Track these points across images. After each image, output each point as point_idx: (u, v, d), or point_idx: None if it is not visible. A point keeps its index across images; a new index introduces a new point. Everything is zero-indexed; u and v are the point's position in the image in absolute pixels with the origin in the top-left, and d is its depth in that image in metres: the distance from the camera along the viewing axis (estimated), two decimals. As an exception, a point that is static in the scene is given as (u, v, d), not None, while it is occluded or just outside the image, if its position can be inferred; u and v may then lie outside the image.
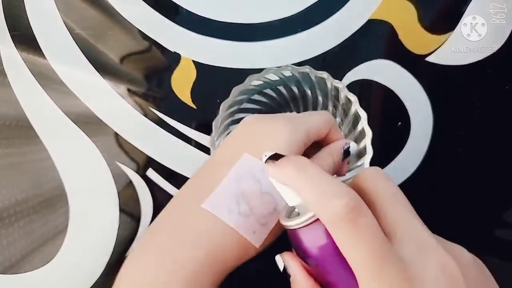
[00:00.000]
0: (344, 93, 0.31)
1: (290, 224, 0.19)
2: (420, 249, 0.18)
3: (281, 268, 0.21)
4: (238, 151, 0.24)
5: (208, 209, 0.22)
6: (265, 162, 0.20)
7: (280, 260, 0.21)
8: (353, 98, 0.31)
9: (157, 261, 0.21)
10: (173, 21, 0.39)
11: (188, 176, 0.38)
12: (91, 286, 0.37)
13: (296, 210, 0.21)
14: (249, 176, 0.23)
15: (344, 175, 0.32)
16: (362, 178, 0.21)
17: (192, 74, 0.39)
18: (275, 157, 0.20)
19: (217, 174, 0.23)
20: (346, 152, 0.27)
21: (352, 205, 0.17)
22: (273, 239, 0.24)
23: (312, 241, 0.19)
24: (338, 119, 0.35)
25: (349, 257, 0.17)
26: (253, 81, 0.32)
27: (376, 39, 0.39)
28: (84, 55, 0.39)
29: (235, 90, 0.31)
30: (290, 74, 0.33)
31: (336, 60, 0.38)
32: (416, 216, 0.19)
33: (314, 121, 0.26)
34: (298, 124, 0.25)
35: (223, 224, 0.22)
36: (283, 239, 0.22)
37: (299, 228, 0.19)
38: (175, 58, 0.39)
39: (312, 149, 0.26)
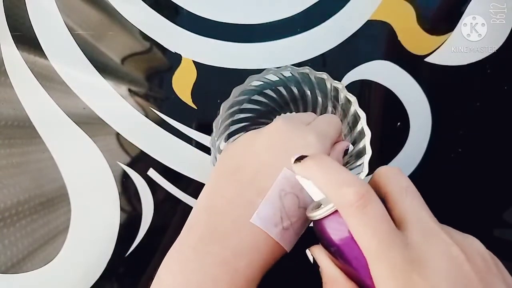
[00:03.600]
0: (344, 93, 0.31)
1: (314, 215, 0.21)
2: (426, 236, 0.19)
3: (311, 260, 0.23)
4: (273, 161, 0.25)
5: (257, 224, 0.23)
6: (293, 163, 0.22)
7: (310, 253, 0.23)
8: (353, 98, 0.31)
9: (219, 272, 0.23)
10: (173, 22, 0.39)
11: (188, 176, 0.38)
12: (92, 286, 0.37)
13: (321, 204, 0.22)
14: (290, 192, 0.24)
15: None
16: (377, 175, 0.23)
17: (193, 74, 0.39)
18: (301, 158, 0.22)
19: (255, 185, 0.24)
20: (345, 152, 0.30)
21: (361, 193, 0.19)
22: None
23: (333, 230, 0.21)
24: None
25: (359, 241, 0.19)
26: (253, 82, 0.32)
27: (376, 39, 0.39)
28: (85, 55, 0.39)
29: (236, 91, 0.31)
30: (290, 75, 0.33)
31: (336, 60, 0.39)
32: (426, 208, 0.21)
33: (334, 132, 0.29)
34: (326, 138, 0.27)
35: (269, 238, 0.23)
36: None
37: (322, 219, 0.21)
38: (176, 59, 0.39)
39: None
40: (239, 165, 0.26)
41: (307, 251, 0.23)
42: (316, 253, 0.22)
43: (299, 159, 0.22)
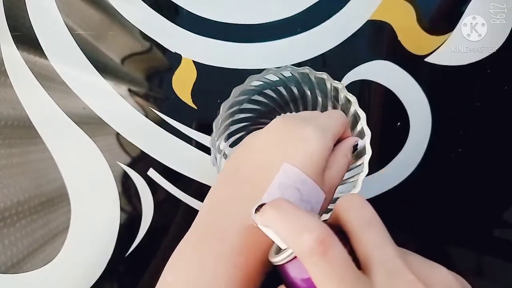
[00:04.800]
0: (344, 93, 0.31)
1: (275, 260, 0.21)
2: (391, 278, 0.18)
3: None
4: (272, 158, 0.25)
5: (255, 220, 0.23)
6: (253, 213, 0.21)
7: None
8: (353, 98, 0.31)
9: (215, 267, 0.22)
10: (173, 22, 0.39)
11: (188, 176, 0.38)
12: (92, 286, 0.37)
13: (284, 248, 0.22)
14: (291, 186, 0.24)
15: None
16: (338, 208, 0.21)
17: (193, 74, 0.39)
18: (260, 206, 0.21)
19: (254, 182, 0.24)
20: (355, 148, 0.29)
21: (322, 238, 0.18)
22: None
23: (295, 275, 0.20)
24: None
25: None
26: (253, 82, 0.32)
27: (376, 39, 0.39)
28: (85, 55, 0.39)
29: (236, 91, 0.31)
30: (290, 75, 0.33)
31: (336, 60, 0.39)
32: (390, 242, 0.20)
33: (337, 126, 0.28)
34: (327, 132, 0.26)
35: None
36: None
37: (284, 264, 0.20)
38: (176, 59, 0.39)
39: None
40: (238, 166, 0.26)
41: None
42: None
43: (258, 208, 0.21)
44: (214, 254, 0.23)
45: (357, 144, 0.29)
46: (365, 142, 0.31)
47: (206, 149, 0.38)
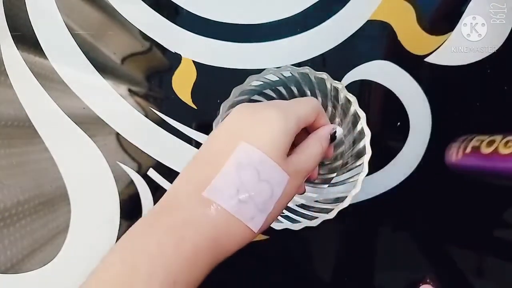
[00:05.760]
0: (344, 93, 0.31)
1: None
2: None
3: None
4: (233, 139, 0.24)
5: (209, 197, 0.23)
6: None
7: None
8: (352, 98, 0.31)
9: (164, 236, 0.22)
10: (173, 22, 0.39)
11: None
12: (92, 286, 0.37)
13: None
14: (248, 165, 0.24)
15: (331, 158, 0.34)
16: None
17: (193, 74, 0.39)
18: None
19: (214, 163, 0.24)
20: (333, 137, 0.28)
21: None
22: (270, 224, 0.25)
23: None
24: (337, 119, 0.35)
25: None
26: (253, 82, 0.32)
27: (375, 40, 0.39)
28: (85, 55, 0.39)
29: (235, 91, 0.31)
30: (290, 75, 0.33)
31: (336, 60, 0.39)
32: None
33: (304, 109, 0.27)
34: (289, 113, 0.26)
35: (224, 211, 0.23)
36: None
37: None
38: (175, 59, 0.39)
39: (299, 134, 0.26)
40: (203, 149, 0.26)
41: None
42: None
43: None
44: (164, 227, 0.22)
45: (335, 133, 0.28)
46: (365, 142, 0.31)
47: (206, 149, 0.38)
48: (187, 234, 0.22)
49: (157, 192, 0.39)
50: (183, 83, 0.39)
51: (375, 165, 0.37)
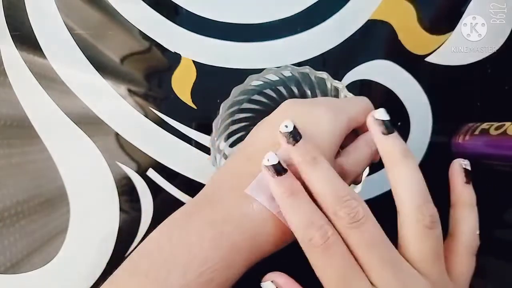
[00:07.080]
0: (344, 93, 0.31)
1: None
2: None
3: None
4: (273, 138, 0.24)
5: (251, 194, 0.22)
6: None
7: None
8: (353, 98, 0.31)
9: (203, 229, 0.22)
10: (173, 22, 0.39)
11: (188, 176, 0.38)
12: (92, 286, 0.37)
13: None
14: (292, 164, 0.23)
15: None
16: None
17: (193, 74, 0.39)
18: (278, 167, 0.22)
19: (258, 159, 0.23)
20: None
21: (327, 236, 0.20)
22: None
23: None
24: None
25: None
26: (253, 81, 0.32)
27: (376, 39, 0.39)
28: (85, 55, 0.39)
29: (235, 90, 0.31)
30: (290, 75, 0.33)
31: (336, 60, 0.39)
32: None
33: (355, 110, 0.26)
34: (340, 113, 0.24)
35: (265, 209, 0.22)
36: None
37: None
38: (175, 58, 0.39)
39: (347, 135, 0.25)
40: (246, 143, 0.25)
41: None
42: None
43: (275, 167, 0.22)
44: (205, 220, 0.22)
45: None
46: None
47: (205, 149, 0.38)
48: (226, 230, 0.22)
49: (157, 192, 0.39)
50: (183, 83, 0.39)
51: (375, 165, 0.37)
